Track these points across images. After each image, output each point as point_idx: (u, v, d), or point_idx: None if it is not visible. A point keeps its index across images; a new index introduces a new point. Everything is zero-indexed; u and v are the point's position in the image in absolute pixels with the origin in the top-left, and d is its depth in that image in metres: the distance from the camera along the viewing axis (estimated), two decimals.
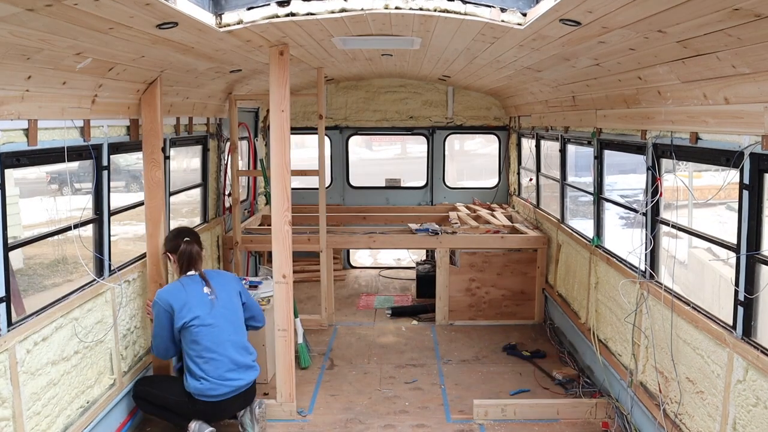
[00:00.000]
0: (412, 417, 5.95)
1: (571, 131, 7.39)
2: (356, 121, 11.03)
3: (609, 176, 6.91)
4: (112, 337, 5.37)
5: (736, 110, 3.74)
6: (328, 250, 8.39)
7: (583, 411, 5.83)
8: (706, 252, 10.79)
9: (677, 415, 4.70)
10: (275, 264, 5.80)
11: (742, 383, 3.83)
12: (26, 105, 4.00)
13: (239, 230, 8.42)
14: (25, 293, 10.62)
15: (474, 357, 7.43)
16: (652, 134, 5.06)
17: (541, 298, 8.55)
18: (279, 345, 5.84)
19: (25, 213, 11.95)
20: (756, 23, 2.96)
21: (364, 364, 7.23)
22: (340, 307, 9.28)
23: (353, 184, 11.34)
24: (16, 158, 4.07)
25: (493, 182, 11.37)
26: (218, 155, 8.26)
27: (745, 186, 3.81)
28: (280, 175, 5.70)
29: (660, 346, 4.99)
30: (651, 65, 4.37)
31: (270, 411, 5.88)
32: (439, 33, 5.12)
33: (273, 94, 5.64)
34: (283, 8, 4.29)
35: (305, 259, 10.41)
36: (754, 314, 3.84)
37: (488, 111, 10.94)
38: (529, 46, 5.00)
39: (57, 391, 4.54)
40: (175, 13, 3.60)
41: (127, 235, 12.19)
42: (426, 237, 8.56)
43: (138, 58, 4.66)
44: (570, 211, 8.10)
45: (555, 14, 3.73)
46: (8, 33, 3.28)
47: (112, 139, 5.30)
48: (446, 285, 8.53)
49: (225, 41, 4.76)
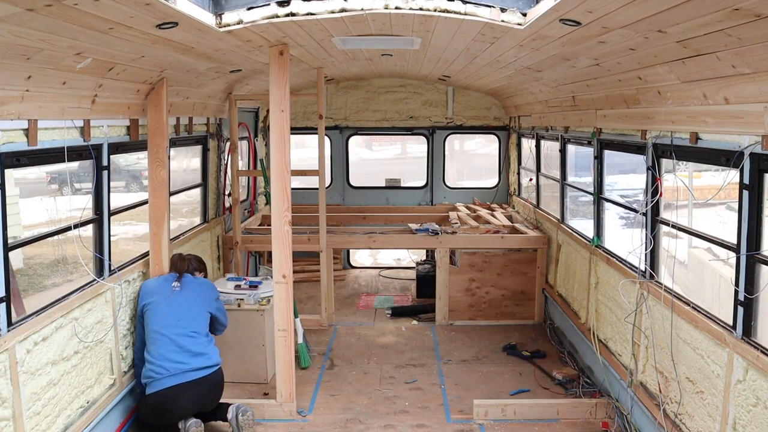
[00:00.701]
0: (412, 417, 5.95)
1: (571, 131, 7.39)
2: (356, 121, 11.04)
3: (609, 176, 6.91)
4: (112, 337, 5.37)
5: (736, 110, 3.74)
6: (328, 250, 8.39)
7: (583, 411, 5.83)
8: (706, 252, 10.79)
9: (677, 415, 4.70)
10: (275, 264, 5.80)
11: (742, 383, 3.83)
12: (26, 105, 4.00)
13: (239, 230, 8.42)
14: (25, 293, 10.61)
15: (474, 357, 7.43)
16: (652, 134, 5.06)
17: (541, 298, 8.55)
18: (279, 345, 5.84)
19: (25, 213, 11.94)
20: (756, 23, 2.96)
21: (364, 364, 7.23)
22: (340, 307, 9.27)
23: (353, 184, 11.34)
24: (16, 158, 4.07)
25: (493, 182, 11.37)
26: (218, 155, 8.26)
27: (745, 186, 3.81)
28: (280, 175, 5.70)
29: (660, 346, 4.99)
30: (651, 65, 4.37)
31: (270, 411, 5.88)
32: (439, 33, 5.12)
33: (273, 94, 5.64)
34: (283, 8, 4.29)
35: (305, 259, 10.41)
36: (754, 314, 3.84)
37: (488, 111, 10.94)
38: (529, 46, 5.00)
39: (57, 391, 4.54)
40: (175, 13, 3.60)
41: (127, 235, 12.19)
42: (426, 237, 8.56)
43: (138, 58, 4.66)
44: (570, 211, 8.10)
45: (555, 14, 3.73)
46: (8, 33, 3.28)
47: (112, 139, 5.30)
48: (446, 285, 8.53)
49: (225, 41, 4.76)
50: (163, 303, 5.55)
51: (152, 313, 5.51)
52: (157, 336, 5.41)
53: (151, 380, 5.31)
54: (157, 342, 5.40)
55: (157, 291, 5.64)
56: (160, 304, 5.55)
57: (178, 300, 5.60)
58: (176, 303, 5.59)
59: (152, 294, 5.61)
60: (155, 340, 5.40)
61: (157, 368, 5.31)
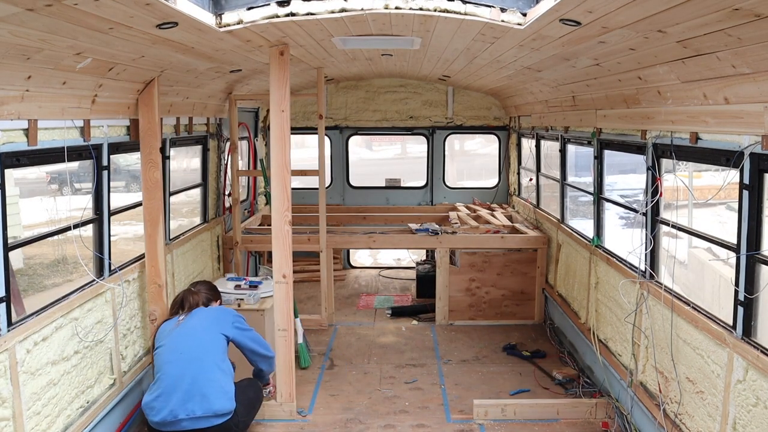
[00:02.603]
0: (412, 417, 5.95)
1: (571, 131, 7.39)
2: (356, 121, 11.04)
3: (609, 176, 6.91)
4: (112, 337, 5.36)
5: (736, 110, 3.74)
6: (328, 250, 8.39)
7: (583, 411, 5.83)
8: (706, 252, 10.79)
9: (677, 415, 4.70)
10: (275, 264, 5.80)
11: (742, 383, 3.83)
12: (26, 105, 4.00)
13: (239, 230, 8.42)
14: (25, 293, 10.62)
15: (474, 357, 7.43)
16: (652, 134, 5.06)
17: (541, 298, 8.55)
18: (279, 345, 5.84)
19: (25, 213, 11.95)
20: (756, 23, 2.96)
21: (364, 364, 7.23)
22: (340, 307, 9.28)
23: (353, 184, 11.34)
24: (16, 158, 4.06)
25: (493, 182, 11.37)
26: (218, 155, 8.26)
27: (745, 186, 3.81)
28: (280, 175, 5.70)
29: (660, 346, 4.99)
30: (651, 65, 4.37)
31: (270, 411, 5.88)
32: (439, 33, 5.12)
33: (273, 94, 5.64)
34: (283, 8, 4.29)
35: (305, 259, 10.41)
36: (754, 314, 3.84)
37: (488, 111, 10.94)
38: (529, 46, 4.99)
39: (57, 391, 4.54)
40: (175, 13, 3.60)
41: (127, 235, 12.19)
42: (426, 237, 8.56)
43: (138, 58, 4.66)
44: (570, 211, 8.10)
45: (555, 14, 3.73)
46: (8, 33, 3.28)
47: (112, 139, 5.30)
48: (446, 285, 8.53)
49: (225, 41, 4.76)
50: (166, 340, 5.00)
51: (157, 354, 4.99)
52: (159, 373, 4.88)
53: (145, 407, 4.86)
54: (159, 380, 4.87)
55: (166, 331, 5.09)
56: (164, 340, 5.02)
57: (179, 335, 5.00)
58: (179, 334, 5.00)
59: (162, 337, 5.07)
60: (158, 378, 4.89)
61: (153, 402, 4.81)
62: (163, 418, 4.75)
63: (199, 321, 5.11)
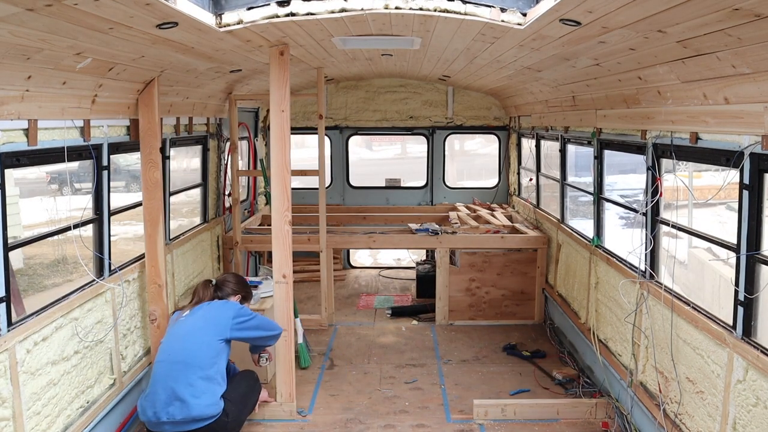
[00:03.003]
0: (412, 417, 5.95)
1: (571, 131, 7.39)
2: (356, 121, 11.04)
3: (609, 176, 6.91)
4: (112, 337, 5.36)
5: (736, 110, 3.74)
6: (328, 250, 8.39)
7: (583, 411, 5.83)
8: (706, 252, 10.80)
9: (677, 415, 4.70)
10: (275, 264, 5.80)
11: (742, 383, 3.83)
12: (26, 105, 4.00)
13: (239, 230, 8.42)
14: (25, 293, 10.62)
15: (474, 357, 7.43)
16: (652, 134, 5.06)
17: (541, 298, 8.55)
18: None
19: (25, 213, 11.95)
20: (756, 23, 2.96)
21: (364, 364, 7.23)
22: (340, 307, 9.27)
23: (353, 184, 11.34)
24: (16, 158, 4.07)
25: (493, 182, 11.37)
26: (218, 155, 8.27)
27: (745, 186, 3.81)
28: (280, 175, 5.70)
29: (660, 346, 4.99)
30: (651, 65, 4.37)
31: (270, 411, 5.88)
32: (439, 33, 5.12)
33: (273, 94, 5.64)
34: (283, 8, 4.29)
35: (305, 259, 10.41)
36: (754, 314, 3.84)
37: (488, 111, 10.94)
38: (529, 46, 5.00)
39: (57, 391, 4.54)
40: (175, 13, 3.60)
41: (127, 235, 12.19)
42: (426, 237, 8.56)
43: (138, 58, 4.66)
44: (570, 211, 8.10)
45: (555, 14, 3.73)
46: (8, 33, 3.28)
47: (112, 139, 5.30)
48: (446, 285, 8.53)
49: (225, 41, 4.76)
50: (165, 335, 5.14)
51: (158, 351, 5.09)
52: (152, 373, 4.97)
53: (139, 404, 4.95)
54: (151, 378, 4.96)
55: (169, 325, 5.21)
56: (165, 336, 5.15)
57: (177, 330, 5.07)
58: (174, 333, 5.08)
59: (167, 331, 5.21)
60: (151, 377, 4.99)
61: (144, 399, 4.89)
62: (148, 418, 4.85)
63: (196, 321, 5.12)
